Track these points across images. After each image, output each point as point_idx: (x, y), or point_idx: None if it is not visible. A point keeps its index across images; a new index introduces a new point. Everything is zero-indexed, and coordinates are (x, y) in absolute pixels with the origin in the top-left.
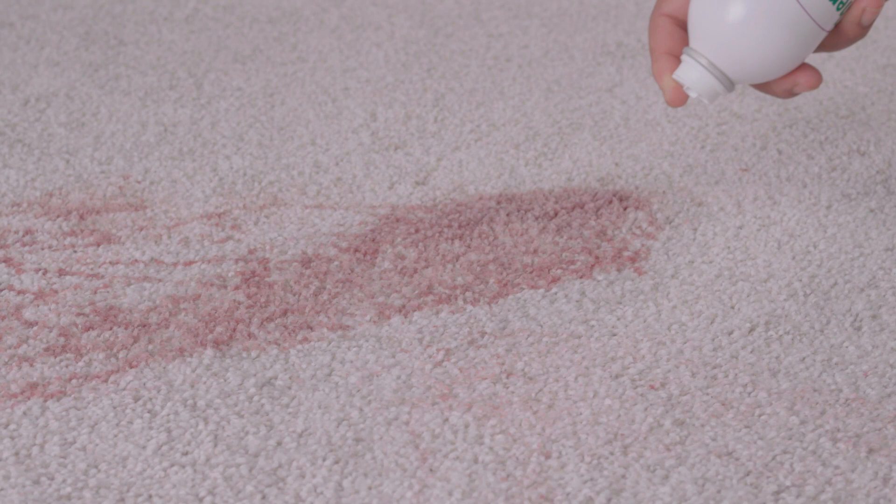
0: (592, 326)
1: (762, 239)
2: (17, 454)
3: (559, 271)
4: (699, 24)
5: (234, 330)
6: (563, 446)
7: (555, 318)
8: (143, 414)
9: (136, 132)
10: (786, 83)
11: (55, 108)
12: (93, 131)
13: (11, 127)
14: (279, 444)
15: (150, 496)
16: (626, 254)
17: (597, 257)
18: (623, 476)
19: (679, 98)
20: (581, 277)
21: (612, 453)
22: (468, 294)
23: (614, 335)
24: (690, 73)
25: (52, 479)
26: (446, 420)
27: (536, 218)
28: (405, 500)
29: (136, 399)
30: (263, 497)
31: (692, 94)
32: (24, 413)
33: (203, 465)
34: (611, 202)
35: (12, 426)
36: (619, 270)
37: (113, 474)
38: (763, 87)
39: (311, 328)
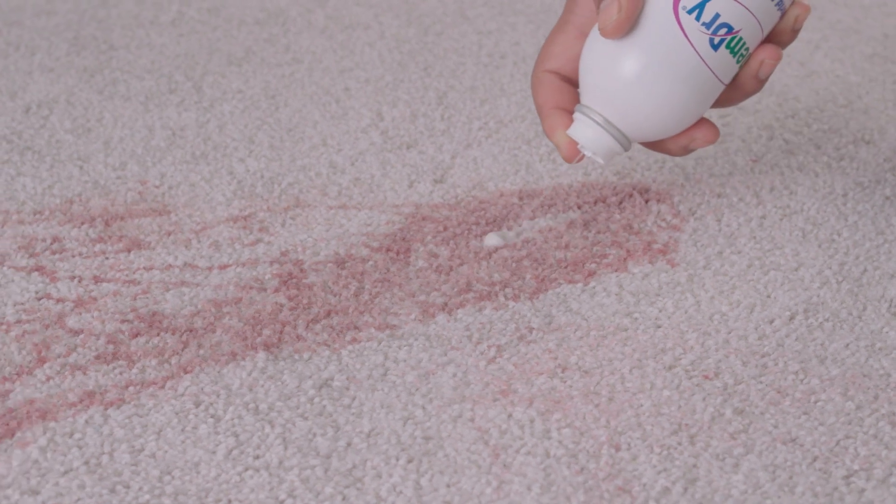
0: (636, 319)
1: (786, 228)
2: (87, 463)
3: (593, 265)
4: (592, 80)
5: (282, 332)
6: (630, 438)
7: (598, 312)
8: (207, 419)
9: (145, 137)
10: (682, 140)
11: (58, 114)
12: (101, 137)
13: (18, 134)
14: (349, 444)
15: (230, 501)
16: (655, 246)
17: (628, 251)
18: (695, 465)
19: (576, 155)
20: (616, 271)
21: (679, 444)
22: (508, 290)
23: (659, 327)
24: (585, 132)
25: (127, 487)
26: (510, 416)
27: (561, 213)
28: (485, 497)
29: (197, 404)
30: (344, 498)
31: (587, 153)
32: (87, 422)
33: (277, 469)
34: (631, 196)
35: (77, 435)
36: (651, 263)
37: (188, 480)
38: (656, 144)
39: (357, 328)
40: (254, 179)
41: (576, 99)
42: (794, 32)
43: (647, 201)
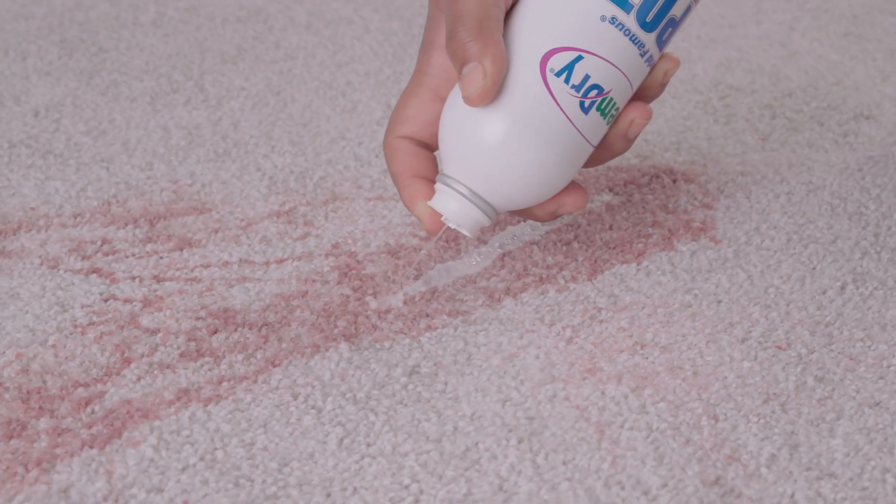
0: (696, 295)
1: (814, 203)
2: (202, 459)
3: (641, 245)
4: (454, 149)
5: (356, 322)
6: (725, 409)
7: (658, 290)
8: (309, 410)
9: (162, 137)
10: (550, 206)
11: (68, 117)
12: (118, 138)
13: (34, 138)
14: (456, 428)
15: (356, 489)
16: (694, 225)
17: (669, 230)
18: (793, 432)
19: (440, 228)
20: (663, 250)
21: (773, 412)
22: (565, 273)
23: (720, 302)
24: (449, 204)
25: (251, 480)
26: (603, 393)
27: (595, 195)
28: (603, 472)
29: (295, 396)
30: (467, 480)
31: (451, 226)
32: (190, 418)
33: (393, 455)
34: (658, 177)
35: (185, 432)
36: (695, 241)
37: (308, 471)
38: (523, 211)
39: (429, 315)
40: (284, 175)
41: (434, 165)
42: (662, 87)
43: (674, 181)
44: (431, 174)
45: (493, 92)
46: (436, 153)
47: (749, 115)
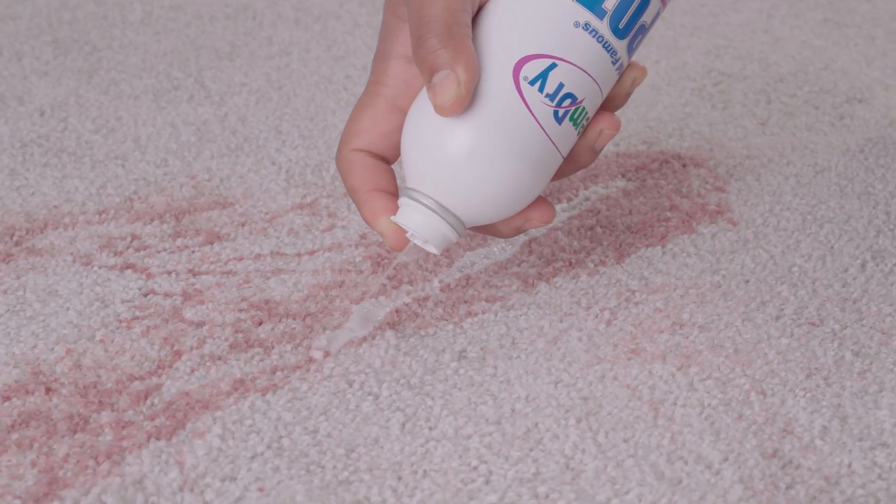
0: (724, 276)
1: (822, 184)
2: (269, 447)
3: (662, 228)
4: (421, 161)
5: (398, 310)
6: (770, 384)
7: (687, 272)
8: (366, 397)
9: (173, 133)
10: (517, 220)
11: (75, 116)
12: (128, 136)
13: (45, 137)
14: (514, 410)
15: (426, 472)
16: (710, 208)
17: (686, 213)
18: (839, 405)
19: (404, 244)
20: (684, 233)
21: (817, 386)
22: (593, 257)
23: (748, 281)
24: (415, 218)
25: (321, 467)
26: (651, 372)
27: (609, 181)
28: (664, 448)
29: (350, 384)
30: (534, 460)
31: (417, 242)
32: (251, 408)
33: (456, 438)
34: (668, 162)
35: (248, 422)
36: (714, 223)
37: (376, 455)
38: (487, 227)
39: (467, 302)
40: (300, 168)
41: (393, 179)
42: (628, 96)
43: (684, 166)
44: (392, 188)
45: (467, 101)
46: (393, 165)
47: (745, 100)
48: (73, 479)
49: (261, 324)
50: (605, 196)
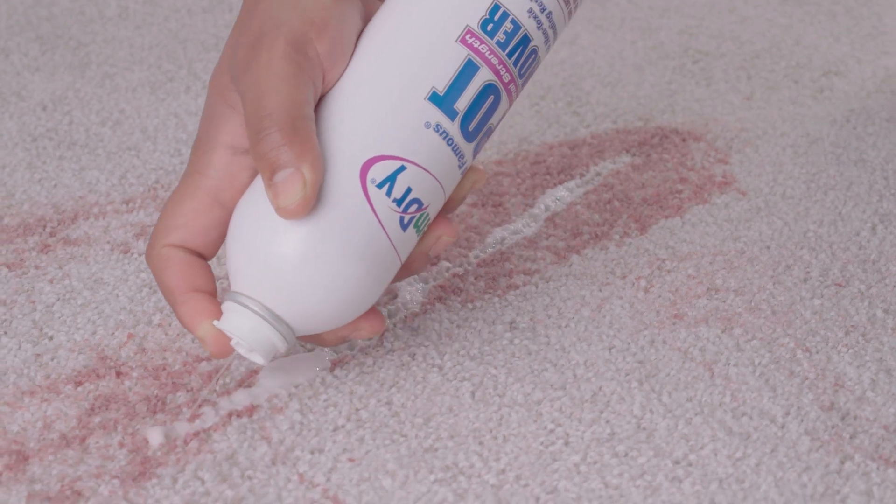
0: (746, 243)
1: (818, 153)
2: (349, 419)
3: (676, 200)
4: (251, 263)
5: (443, 286)
6: (812, 342)
7: (708, 240)
8: (431, 369)
9: (179, 124)
10: (345, 330)
11: (78, 109)
12: (135, 127)
13: (53, 131)
14: (575, 375)
15: (505, 437)
16: (716, 179)
17: (696, 184)
18: (881, 359)
19: (228, 352)
20: (699, 203)
21: (857, 342)
22: (616, 229)
23: (768, 247)
24: (241, 325)
25: (404, 436)
26: (697, 335)
27: (616, 156)
28: (727, 405)
29: (413, 357)
30: (607, 421)
31: (241, 351)
32: (322, 383)
33: (527, 403)
34: (667, 136)
35: (322, 396)
36: (724, 193)
37: (454, 423)
38: (313, 337)
39: (506, 275)
40: None
41: (212, 277)
42: (463, 200)
43: (683, 140)
44: (211, 288)
45: (312, 202)
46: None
47: (726, 76)
48: (165, 458)
49: None
50: (615, 171)
